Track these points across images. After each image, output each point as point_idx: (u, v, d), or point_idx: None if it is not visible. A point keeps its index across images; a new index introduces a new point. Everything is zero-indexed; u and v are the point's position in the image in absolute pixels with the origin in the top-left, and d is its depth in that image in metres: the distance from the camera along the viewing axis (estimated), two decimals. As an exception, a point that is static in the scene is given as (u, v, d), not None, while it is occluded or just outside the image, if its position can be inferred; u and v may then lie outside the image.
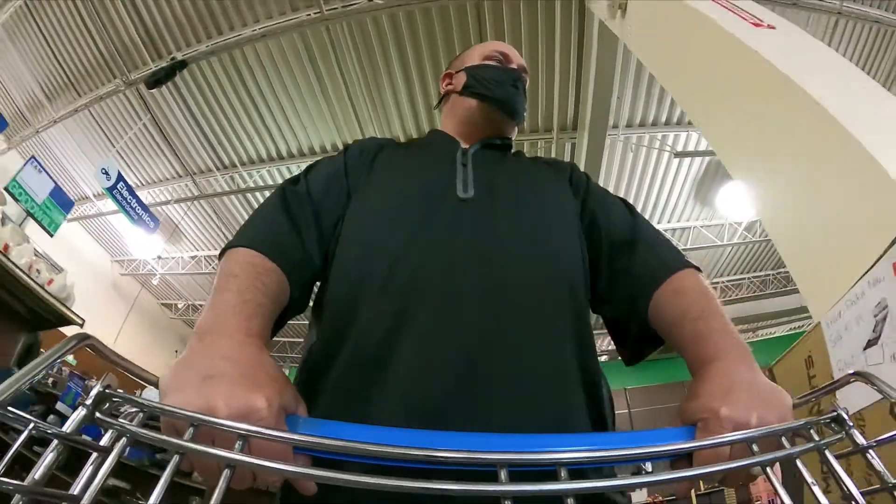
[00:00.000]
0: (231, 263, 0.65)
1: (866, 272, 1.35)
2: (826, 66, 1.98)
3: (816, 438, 0.43)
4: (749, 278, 8.58)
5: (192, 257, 8.39)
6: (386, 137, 1.04)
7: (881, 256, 1.30)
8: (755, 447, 0.43)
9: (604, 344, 8.05)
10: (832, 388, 0.53)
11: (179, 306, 9.80)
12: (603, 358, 8.65)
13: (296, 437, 0.40)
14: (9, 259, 2.72)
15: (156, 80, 5.02)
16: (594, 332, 0.76)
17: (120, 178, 5.83)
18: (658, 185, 6.62)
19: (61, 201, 6.01)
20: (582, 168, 1.02)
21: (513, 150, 1.04)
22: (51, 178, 5.73)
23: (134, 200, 6.14)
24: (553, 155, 5.87)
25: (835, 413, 0.46)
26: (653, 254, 0.79)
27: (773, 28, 2.26)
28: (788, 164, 1.89)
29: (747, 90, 2.10)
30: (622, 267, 0.81)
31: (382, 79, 5.42)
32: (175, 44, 5.40)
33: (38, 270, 3.00)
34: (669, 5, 2.68)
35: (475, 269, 0.69)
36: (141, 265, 8.60)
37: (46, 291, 2.89)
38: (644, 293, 0.75)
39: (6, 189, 4.15)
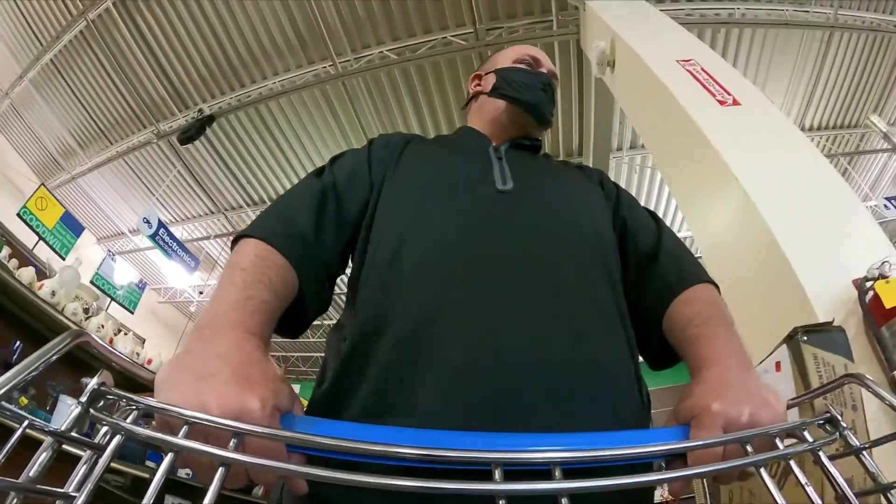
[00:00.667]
0: (240, 256, 0.61)
1: (761, 361, 1.47)
2: (773, 153, 2.08)
3: (810, 440, 0.42)
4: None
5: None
6: (412, 133, 0.99)
7: (771, 353, 1.40)
8: (749, 447, 0.42)
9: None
10: (826, 390, 0.50)
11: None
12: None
13: (288, 434, 0.40)
14: (116, 351, 3.05)
15: (187, 137, 5.19)
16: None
17: (161, 224, 6.01)
18: (665, 200, 6.54)
19: (138, 285, 6.33)
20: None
21: (542, 152, 1.00)
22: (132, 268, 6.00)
23: (175, 244, 6.32)
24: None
25: (828, 414, 0.44)
26: (674, 268, 0.77)
27: (739, 104, 2.35)
28: (721, 239, 2.02)
29: (696, 168, 2.25)
30: (644, 279, 0.78)
31: (397, 119, 5.53)
32: (200, 96, 5.61)
33: (137, 353, 3.29)
34: (646, 76, 2.78)
35: (522, 258, 0.66)
36: (178, 293, 8.72)
37: (150, 371, 3.25)
38: (661, 307, 0.73)
39: (92, 282, 4.43)
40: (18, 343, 2.45)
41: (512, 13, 4.60)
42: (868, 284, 1.40)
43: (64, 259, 4.33)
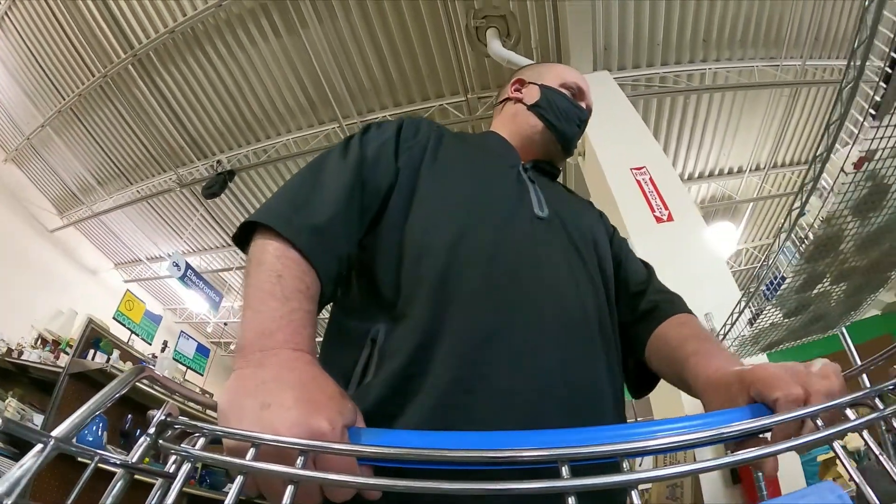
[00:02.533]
0: (272, 258, 0.54)
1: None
2: (685, 269, 2.40)
3: (881, 407, 0.37)
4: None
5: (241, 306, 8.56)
6: (438, 124, 0.89)
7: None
8: (819, 421, 0.38)
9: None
10: (886, 355, 0.47)
11: (232, 347, 9.60)
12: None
13: (356, 448, 0.37)
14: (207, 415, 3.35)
15: (212, 193, 5.45)
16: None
17: (188, 266, 6.17)
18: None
19: (203, 351, 6.62)
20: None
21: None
22: (196, 341, 6.43)
23: (200, 282, 6.48)
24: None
25: None
26: (663, 300, 0.80)
27: (672, 220, 2.63)
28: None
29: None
30: (630, 310, 0.81)
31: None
32: (217, 147, 5.71)
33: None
34: (602, 182, 3.03)
35: (555, 287, 0.67)
36: (194, 314, 8.65)
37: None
38: (646, 329, 0.75)
39: (173, 358, 5.29)
40: (129, 416, 3.00)
41: (499, 82, 4.76)
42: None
43: (150, 344, 5.38)
